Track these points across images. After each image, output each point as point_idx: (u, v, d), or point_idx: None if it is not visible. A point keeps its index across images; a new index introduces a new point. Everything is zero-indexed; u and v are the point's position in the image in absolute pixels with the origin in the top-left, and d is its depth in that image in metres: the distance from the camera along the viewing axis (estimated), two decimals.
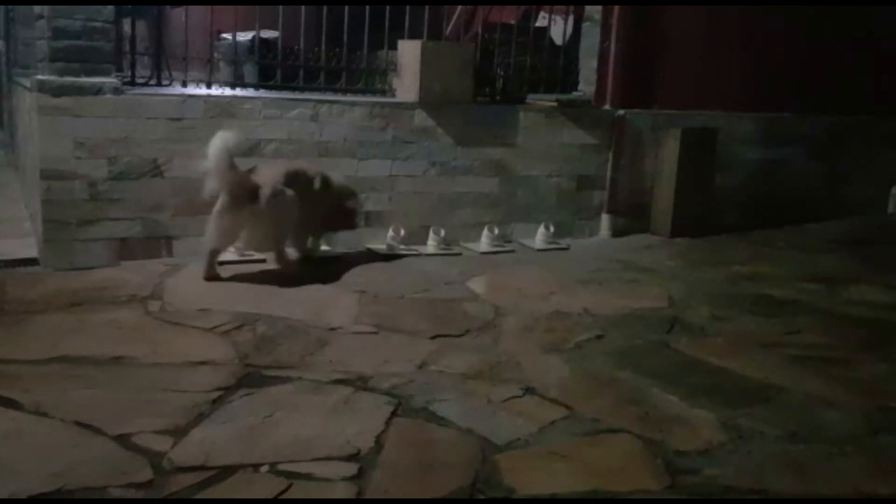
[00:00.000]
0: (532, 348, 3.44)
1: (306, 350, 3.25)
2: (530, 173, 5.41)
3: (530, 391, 2.98)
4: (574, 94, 5.72)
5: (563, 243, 5.39)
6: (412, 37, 5.12)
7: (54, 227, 4.09)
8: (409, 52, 5.01)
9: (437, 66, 4.95)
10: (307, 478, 2.30)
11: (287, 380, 2.95)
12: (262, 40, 4.98)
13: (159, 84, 4.49)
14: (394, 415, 2.71)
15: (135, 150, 4.21)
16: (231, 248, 4.31)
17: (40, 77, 4.04)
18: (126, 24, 4.45)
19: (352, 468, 2.36)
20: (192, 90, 4.51)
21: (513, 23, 5.78)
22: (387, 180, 4.95)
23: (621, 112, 5.67)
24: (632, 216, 5.83)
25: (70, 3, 3.99)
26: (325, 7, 4.90)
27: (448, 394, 2.91)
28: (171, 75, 4.59)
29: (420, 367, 3.15)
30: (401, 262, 4.70)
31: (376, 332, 3.52)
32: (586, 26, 5.73)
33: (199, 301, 3.74)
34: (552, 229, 5.34)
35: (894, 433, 2.84)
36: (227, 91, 4.64)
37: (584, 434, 2.69)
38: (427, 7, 5.24)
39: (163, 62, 4.55)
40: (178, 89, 4.49)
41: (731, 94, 6.19)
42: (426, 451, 2.50)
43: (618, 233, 5.76)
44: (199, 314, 3.58)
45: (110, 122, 4.13)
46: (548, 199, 5.51)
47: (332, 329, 3.51)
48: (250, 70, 5.06)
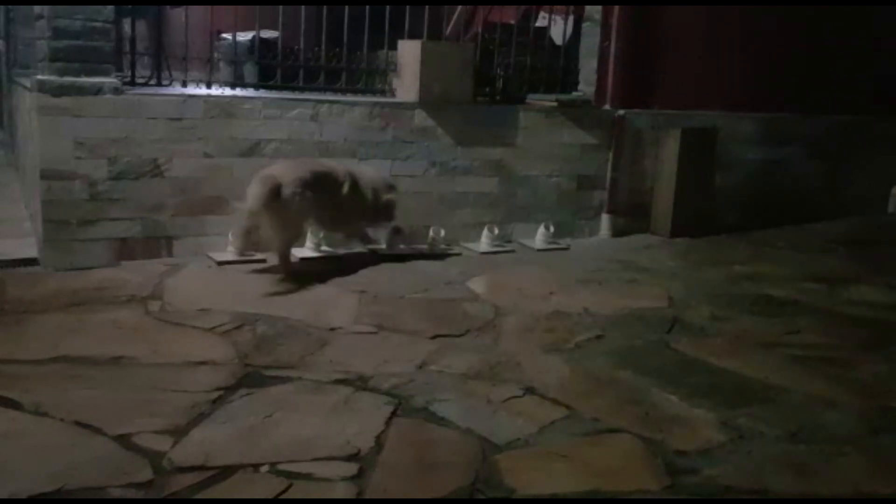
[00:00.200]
0: (532, 348, 3.44)
1: (306, 350, 3.25)
2: (530, 173, 5.41)
3: (530, 391, 2.98)
4: (574, 94, 5.72)
5: (563, 243, 5.39)
6: (412, 37, 5.12)
7: (54, 227, 4.09)
8: (408, 52, 5.01)
9: (437, 67, 4.95)
10: (307, 478, 2.30)
11: (287, 380, 2.95)
12: (262, 40, 4.98)
13: (159, 84, 4.49)
14: (394, 415, 2.72)
15: (135, 150, 4.21)
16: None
17: (40, 77, 4.04)
18: (126, 24, 4.45)
19: (352, 468, 2.36)
20: (192, 90, 4.51)
21: (513, 23, 5.78)
22: None
23: (621, 112, 5.67)
24: (632, 216, 5.83)
25: (70, 3, 3.99)
26: (325, 7, 4.90)
27: (448, 394, 2.91)
28: (171, 75, 4.60)
29: (420, 367, 3.15)
30: (401, 262, 4.70)
31: (376, 332, 3.52)
32: (586, 26, 5.73)
33: (199, 301, 3.74)
34: (552, 229, 5.34)
35: (894, 433, 2.84)
36: (227, 91, 4.64)
37: (584, 434, 2.69)
38: (427, 7, 5.24)
39: (163, 62, 4.55)
40: (178, 89, 4.49)
41: (731, 94, 6.19)
42: (426, 451, 2.50)
43: (618, 233, 5.75)
44: (199, 314, 3.58)
45: (110, 122, 4.13)
46: (548, 199, 5.51)
47: (332, 329, 3.51)
48: (250, 70, 5.05)
